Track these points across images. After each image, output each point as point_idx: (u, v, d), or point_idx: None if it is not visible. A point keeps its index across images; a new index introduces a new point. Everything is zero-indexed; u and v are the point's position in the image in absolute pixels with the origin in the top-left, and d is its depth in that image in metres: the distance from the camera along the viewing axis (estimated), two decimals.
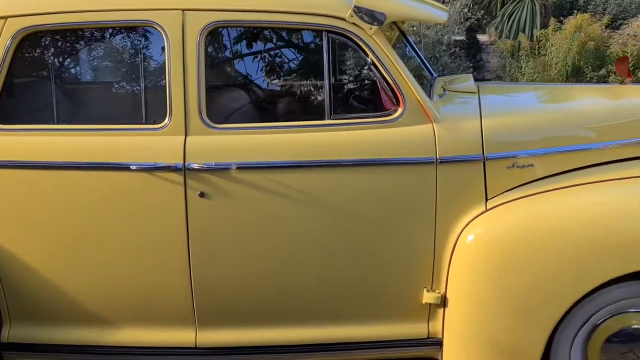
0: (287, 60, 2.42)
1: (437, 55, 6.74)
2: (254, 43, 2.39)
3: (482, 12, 8.97)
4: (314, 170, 2.07)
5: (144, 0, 2.05)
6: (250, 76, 2.59)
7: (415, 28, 6.13)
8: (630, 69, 5.80)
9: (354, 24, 2.04)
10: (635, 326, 2.19)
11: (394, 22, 2.66)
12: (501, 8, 8.77)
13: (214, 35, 2.18)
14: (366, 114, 2.14)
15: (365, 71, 2.27)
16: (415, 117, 2.11)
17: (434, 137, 2.11)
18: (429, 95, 2.30)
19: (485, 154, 2.13)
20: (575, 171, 2.26)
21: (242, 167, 2.05)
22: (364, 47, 2.07)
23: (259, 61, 2.52)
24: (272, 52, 2.44)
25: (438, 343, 2.24)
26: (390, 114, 2.12)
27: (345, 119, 2.11)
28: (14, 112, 2.21)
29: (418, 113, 2.12)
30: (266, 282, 2.15)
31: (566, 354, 2.22)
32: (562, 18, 6.95)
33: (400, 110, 2.11)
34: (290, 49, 2.37)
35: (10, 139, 2.11)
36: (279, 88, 2.53)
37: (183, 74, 2.02)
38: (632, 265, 2.04)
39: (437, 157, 2.10)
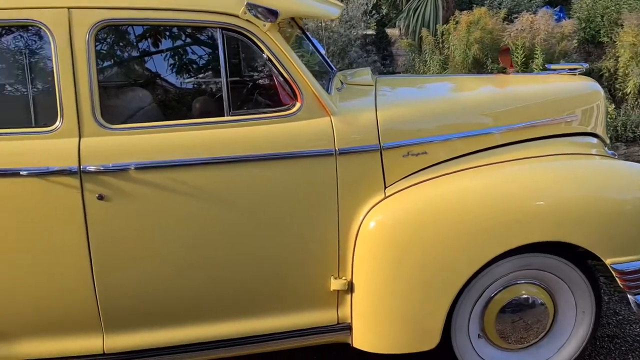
0: (186, 58, 2.40)
1: (346, 50, 6.88)
2: (151, 41, 2.35)
3: (389, 7, 9.25)
4: (214, 167, 2.08)
5: None
6: (150, 75, 2.55)
7: (323, 24, 6.22)
8: (520, 60, 6.23)
9: (247, 20, 2.07)
10: (525, 296, 2.39)
11: (292, 19, 2.72)
12: (407, 3, 9.09)
13: (106, 33, 2.12)
14: (265, 109, 2.18)
15: (263, 67, 2.30)
16: (313, 110, 2.17)
17: (332, 130, 2.18)
18: (328, 89, 2.37)
19: (381, 144, 2.23)
20: (466, 156, 2.41)
21: (140, 167, 2.02)
22: (259, 43, 2.10)
23: (157, 60, 2.48)
24: (171, 51, 2.41)
25: (348, 328, 2.32)
26: (289, 109, 2.17)
27: (244, 115, 2.13)
28: None
29: (316, 107, 2.18)
30: (173, 282, 2.13)
31: (465, 326, 2.38)
32: (462, 13, 7.30)
33: (298, 104, 2.16)
34: (188, 46, 2.36)
35: None
36: (179, 86, 2.51)
37: (73, 74, 1.96)
38: (517, 240, 2.22)
39: (336, 148, 2.17)
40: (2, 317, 2.09)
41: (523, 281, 2.38)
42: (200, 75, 2.44)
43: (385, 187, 2.27)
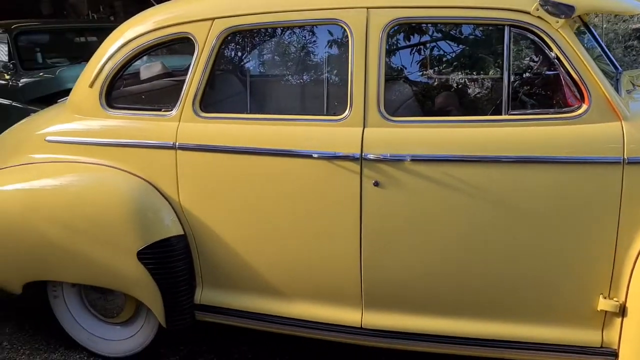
0: (462, 55, 2.42)
1: (611, 47, 6.15)
2: (429, 38, 2.43)
3: None
4: (490, 165, 2.06)
5: (332, 0, 2.20)
6: (424, 70, 2.64)
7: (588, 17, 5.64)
8: None
9: (539, 17, 1.99)
10: None
11: None
12: None
13: (395, 31, 2.25)
14: (546, 110, 2.08)
15: (542, 65, 2.19)
16: (601, 114, 2.01)
17: (622, 136, 1.98)
18: (618, 91, 2.17)
19: None
20: None
21: (416, 159, 2.11)
22: (548, 41, 2.01)
23: (434, 55, 2.56)
24: (447, 47, 2.46)
25: (613, 354, 2.11)
26: (574, 110, 2.04)
27: (524, 115, 2.07)
28: (213, 102, 2.50)
29: (605, 110, 2.01)
30: (433, 272, 2.19)
31: None
32: None
33: (584, 106, 2.02)
34: (467, 43, 2.37)
35: (210, 126, 2.39)
36: (452, 82, 2.54)
37: (365, 69, 2.13)
38: None
39: (625, 157, 1.97)
40: (280, 278, 2.40)
41: None
42: (477, 72, 2.44)
43: None
